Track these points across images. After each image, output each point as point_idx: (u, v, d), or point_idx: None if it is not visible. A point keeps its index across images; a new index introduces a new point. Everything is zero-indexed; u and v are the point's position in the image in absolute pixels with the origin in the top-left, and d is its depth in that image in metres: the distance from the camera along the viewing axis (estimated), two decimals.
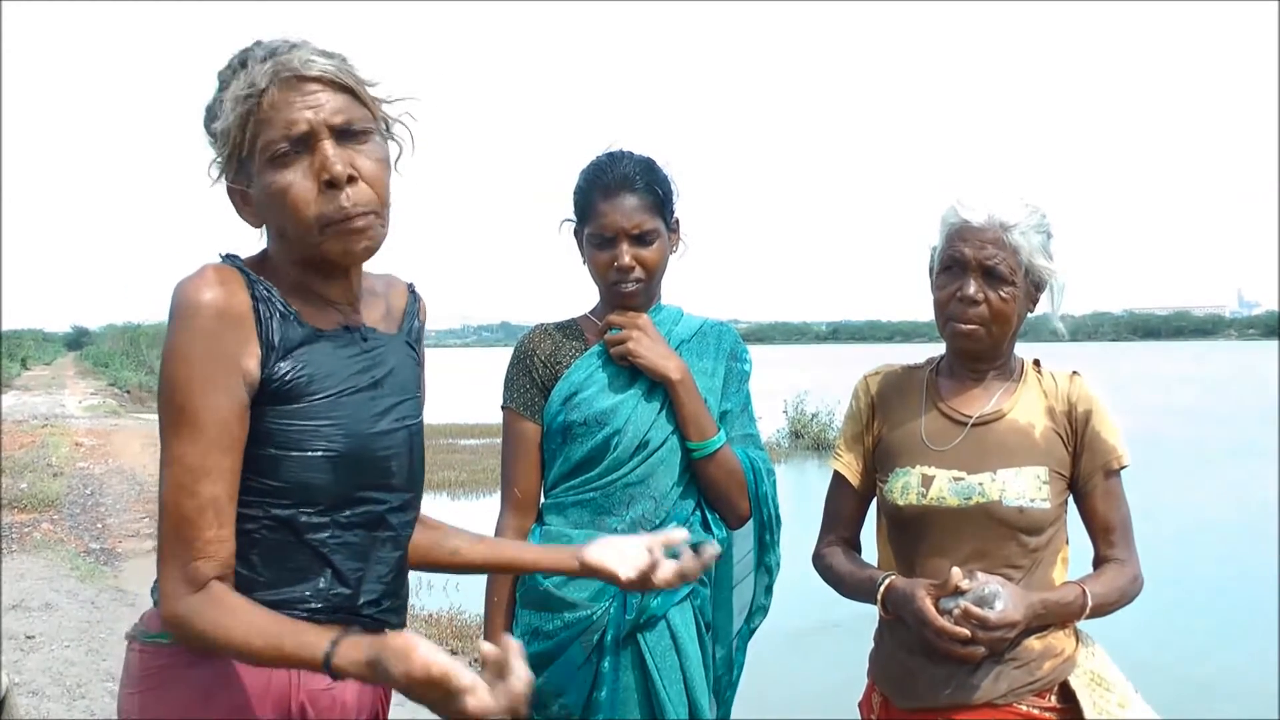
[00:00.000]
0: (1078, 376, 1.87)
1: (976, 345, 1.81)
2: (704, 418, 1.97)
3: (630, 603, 1.90)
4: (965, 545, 1.78)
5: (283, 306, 1.28)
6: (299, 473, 1.26)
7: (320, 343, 1.30)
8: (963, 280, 1.77)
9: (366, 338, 1.36)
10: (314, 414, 1.27)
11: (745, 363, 2.10)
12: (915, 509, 1.81)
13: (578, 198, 2.01)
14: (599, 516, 1.95)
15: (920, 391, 1.91)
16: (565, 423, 1.97)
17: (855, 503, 1.97)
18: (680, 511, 1.98)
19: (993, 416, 1.84)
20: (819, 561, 1.97)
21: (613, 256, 1.95)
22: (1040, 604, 1.73)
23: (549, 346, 2.03)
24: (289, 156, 1.27)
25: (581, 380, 1.99)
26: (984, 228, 1.75)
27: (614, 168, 1.97)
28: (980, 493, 1.77)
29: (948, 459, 1.81)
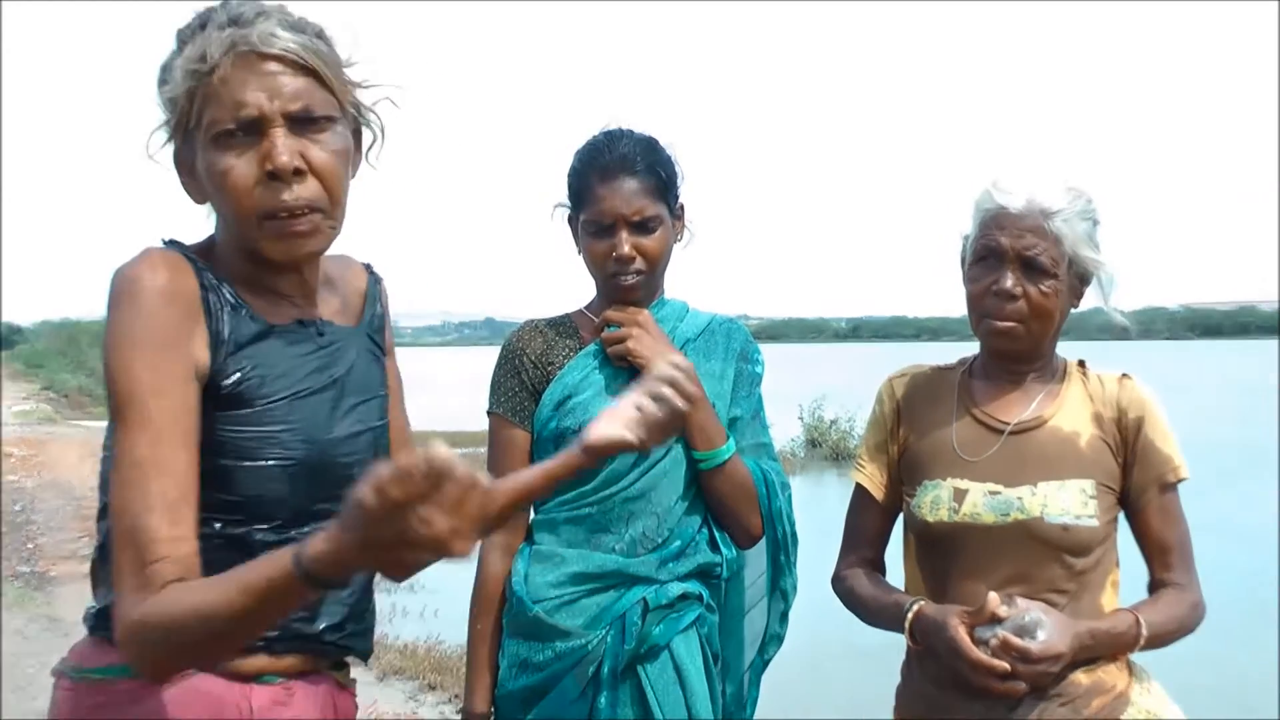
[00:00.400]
0: (1128, 379, 1.87)
1: (1014, 344, 1.82)
2: (712, 425, 1.97)
3: (629, 631, 1.91)
4: (1003, 567, 1.78)
5: (232, 298, 1.28)
6: (252, 485, 1.26)
7: (273, 339, 1.30)
8: (999, 272, 1.77)
9: (323, 332, 1.36)
10: (268, 419, 1.27)
11: (757, 364, 2.10)
12: (946, 526, 1.81)
13: (572, 181, 2.02)
14: (595, 534, 1.96)
15: (951, 395, 1.91)
16: (558, 430, 1.97)
17: (879, 519, 1.97)
18: (685, 529, 1.98)
19: (1033, 423, 1.84)
20: (839, 584, 1.97)
21: (611, 246, 1.96)
22: (1088, 633, 1.73)
23: (540, 345, 2.04)
24: (234, 138, 1.26)
25: (576, 383, 1.99)
26: (1023, 214, 1.75)
27: (612, 148, 1.98)
28: (1019, 508, 1.78)
29: (983, 470, 1.82)
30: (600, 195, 1.95)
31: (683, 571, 1.96)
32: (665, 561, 1.95)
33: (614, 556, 1.94)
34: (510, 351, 2.05)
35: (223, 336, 1.25)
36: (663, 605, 1.93)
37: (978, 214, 1.81)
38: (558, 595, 1.94)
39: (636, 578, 1.93)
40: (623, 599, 1.92)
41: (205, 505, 1.24)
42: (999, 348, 1.84)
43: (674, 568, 1.96)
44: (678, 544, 1.96)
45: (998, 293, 1.77)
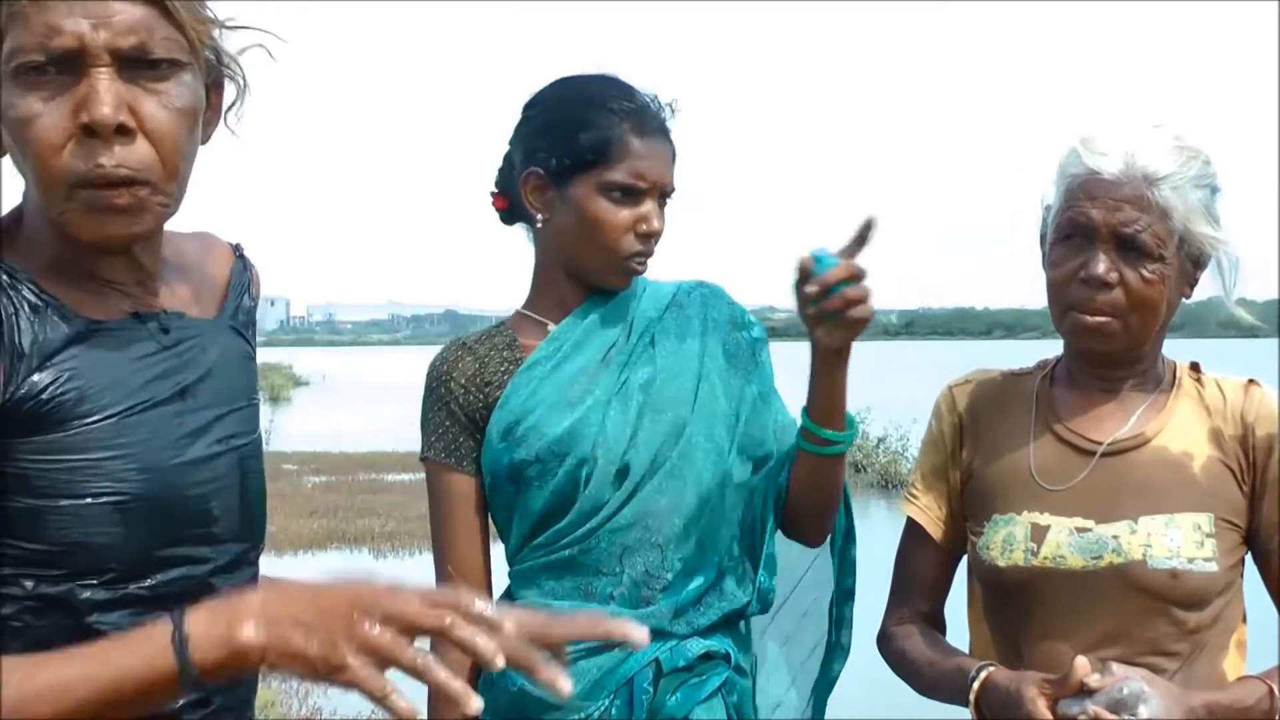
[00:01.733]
0: (1256, 386, 1.88)
1: (1107, 344, 1.81)
2: (842, 394, 1.93)
3: (639, 700, 1.91)
4: (1094, 623, 1.78)
5: (34, 294, 1.24)
6: (73, 529, 1.22)
7: (95, 341, 1.26)
8: (1089, 254, 1.77)
9: (168, 328, 1.33)
10: (89, 444, 1.23)
11: (752, 326, 2.10)
12: (1022, 572, 1.81)
13: (577, 127, 1.98)
14: (585, 581, 1.95)
15: (1028, 408, 1.91)
16: (512, 465, 1.97)
17: (937, 563, 1.97)
18: (705, 561, 1.97)
19: (1132, 442, 1.84)
20: (887, 644, 1.98)
21: (638, 216, 1.97)
22: (1204, 708, 1.71)
23: (470, 366, 2.04)
24: (44, 77, 1.21)
25: (523, 403, 1.99)
26: (1120, 180, 1.75)
27: (638, 98, 2.00)
28: (1115, 549, 1.78)
29: (1068, 502, 1.82)
30: (637, 151, 1.96)
31: (704, 623, 1.96)
32: (682, 610, 1.95)
33: (613, 608, 1.93)
34: (435, 379, 2.05)
35: (20, 348, 1.21)
36: (680, 668, 1.93)
37: (1062, 180, 1.81)
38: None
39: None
40: (629, 660, 1.92)
41: (10, 559, 1.21)
42: (1089, 348, 1.84)
43: (693, 618, 1.95)
44: (698, 583, 1.96)
45: (1087, 279, 1.77)
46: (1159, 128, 1.80)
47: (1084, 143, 1.79)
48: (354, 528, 12.46)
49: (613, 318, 2.04)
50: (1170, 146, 1.77)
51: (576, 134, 1.99)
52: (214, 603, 1.11)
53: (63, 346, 1.24)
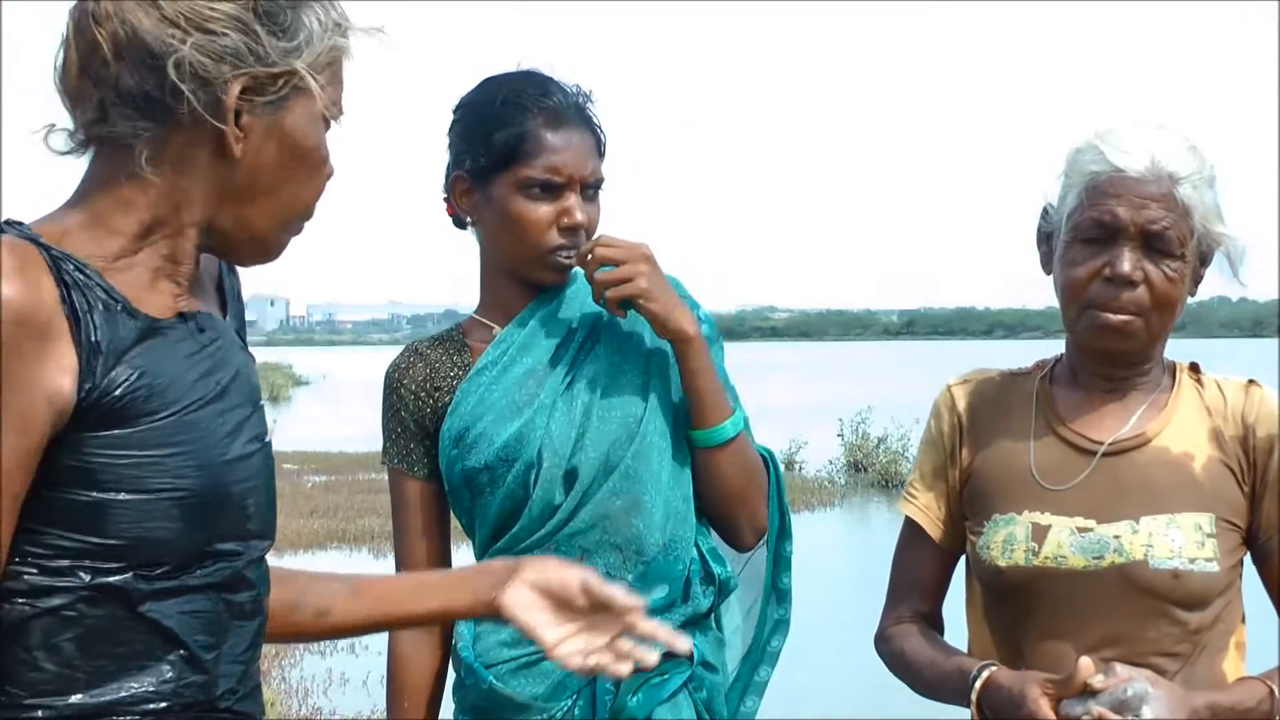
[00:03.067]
0: (1256, 386, 1.88)
1: (1128, 343, 1.81)
2: (720, 392, 1.99)
3: (601, 700, 1.92)
4: (1096, 624, 1.78)
5: (105, 292, 1.27)
6: (134, 523, 1.26)
7: (157, 338, 1.30)
8: (1114, 252, 1.76)
9: (203, 327, 1.37)
10: (155, 440, 1.27)
11: (704, 324, 2.07)
12: (1023, 572, 1.81)
13: (492, 127, 1.99)
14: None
15: (1028, 407, 1.91)
16: (465, 472, 1.98)
17: (936, 563, 1.97)
18: (669, 563, 1.97)
19: (1133, 442, 1.84)
20: (885, 645, 1.97)
21: (559, 211, 1.97)
22: (1207, 708, 1.72)
23: (421, 372, 2.05)
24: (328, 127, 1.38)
25: (472, 410, 1.99)
26: (1145, 178, 1.75)
27: (554, 91, 1.99)
28: (1116, 549, 1.78)
29: (1069, 502, 1.82)
30: (552, 145, 1.96)
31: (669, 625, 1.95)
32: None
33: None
34: (388, 386, 2.07)
35: (98, 346, 1.25)
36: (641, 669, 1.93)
37: (1080, 177, 1.79)
38: (513, 658, 1.95)
39: None
40: None
41: (70, 552, 1.25)
42: (1109, 348, 1.83)
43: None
44: (662, 592, 1.95)
45: (1114, 278, 1.76)
46: (1165, 128, 1.80)
47: (1105, 139, 1.78)
48: (354, 527, 12.48)
49: (559, 316, 2.04)
50: (1186, 146, 1.78)
51: (491, 134, 1.99)
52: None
53: (133, 344, 1.28)
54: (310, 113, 1.36)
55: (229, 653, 1.35)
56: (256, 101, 1.33)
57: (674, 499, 1.99)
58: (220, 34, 1.30)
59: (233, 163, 1.34)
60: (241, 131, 1.33)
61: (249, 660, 1.38)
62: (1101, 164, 1.77)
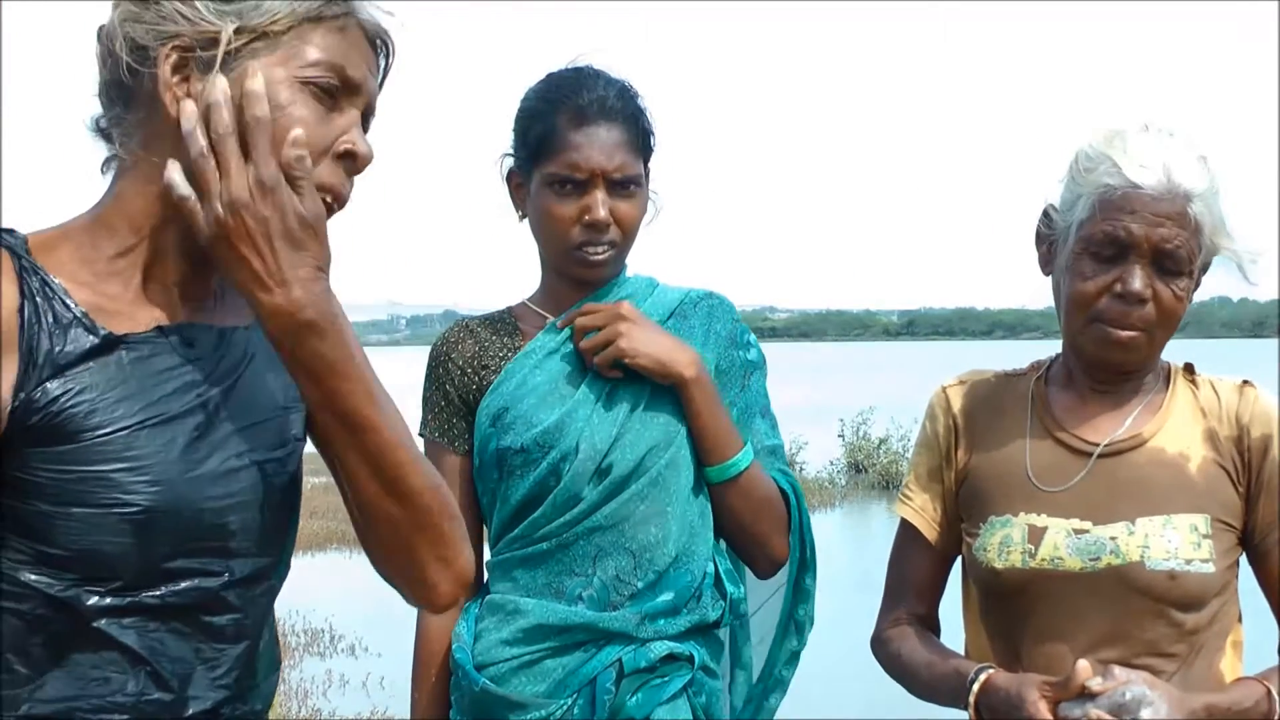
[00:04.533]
0: (1250, 387, 1.88)
1: (1132, 356, 1.82)
2: (727, 428, 2.00)
3: (600, 700, 1.92)
4: (1093, 626, 1.78)
5: (63, 306, 1.26)
6: (83, 536, 1.24)
7: (117, 353, 1.29)
8: (1124, 268, 1.75)
9: (192, 341, 1.35)
10: (99, 456, 1.25)
11: (749, 349, 2.12)
12: (1020, 574, 1.81)
13: (529, 124, 2.03)
14: (557, 579, 1.97)
15: (1023, 408, 1.91)
16: (498, 451, 1.99)
17: (932, 565, 1.97)
18: (679, 575, 1.97)
19: (1129, 443, 1.84)
20: (882, 647, 1.97)
21: (582, 207, 1.97)
22: (1205, 709, 1.71)
23: (470, 348, 2.07)
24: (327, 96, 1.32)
25: (514, 390, 2.01)
26: (1160, 196, 1.73)
27: (589, 86, 2.00)
28: (1113, 550, 1.78)
29: (1065, 503, 1.82)
30: (574, 142, 1.97)
31: (673, 631, 1.97)
32: (649, 618, 1.95)
33: (580, 609, 1.95)
34: (435, 359, 2.09)
35: (36, 357, 1.24)
36: (642, 669, 1.94)
37: (1091, 188, 1.77)
38: (514, 656, 1.95)
39: (610, 634, 1.94)
40: (592, 661, 1.94)
41: (20, 557, 1.24)
42: (1112, 360, 1.83)
43: (662, 626, 1.96)
44: (669, 596, 1.96)
45: (1123, 294, 1.76)
46: (1174, 136, 1.78)
47: (1119, 150, 1.76)
48: (349, 527, 12.48)
49: None
50: (1197, 158, 1.77)
51: (526, 131, 2.03)
52: None
53: (79, 360, 1.26)
54: (273, 78, 1.29)
55: (204, 676, 1.32)
56: (195, 69, 1.29)
57: (691, 513, 2.00)
58: (151, 3, 1.28)
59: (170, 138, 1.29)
60: (188, 95, 1.28)
61: (233, 684, 1.34)
62: (1116, 177, 1.75)
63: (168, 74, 1.28)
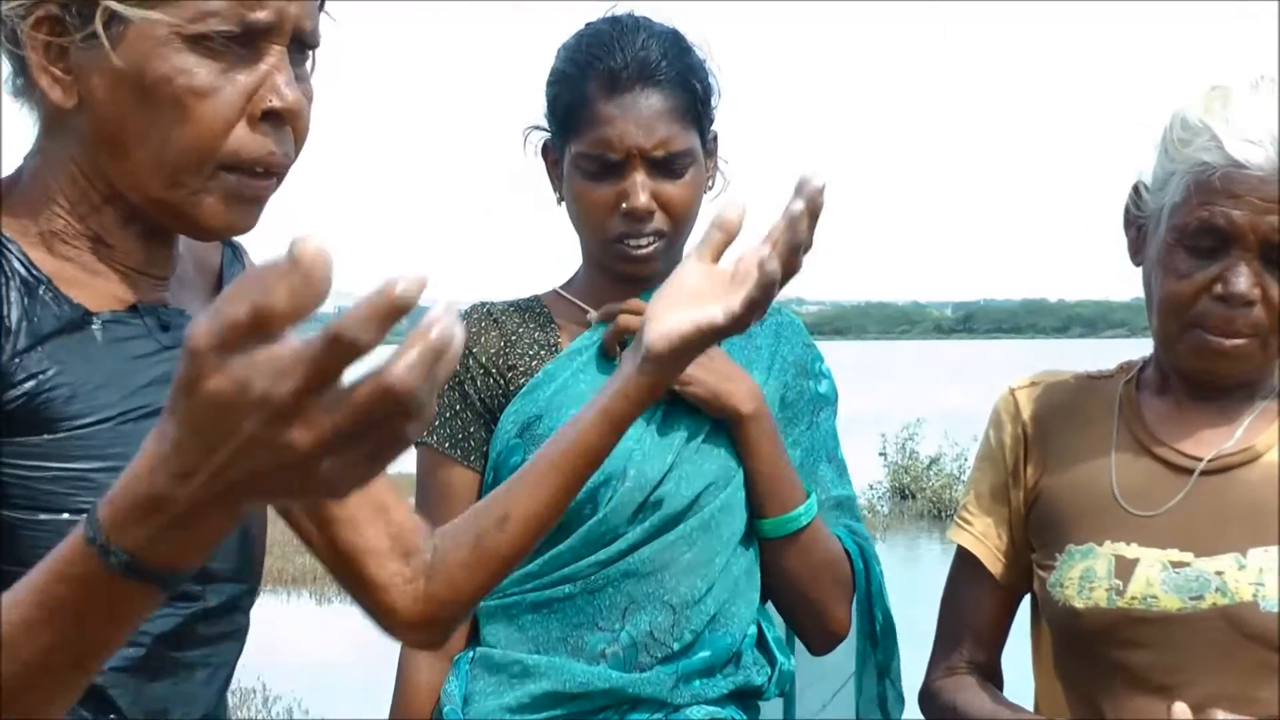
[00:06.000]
0: None
1: (1239, 367, 1.82)
2: (788, 475, 2.01)
3: None
4: (1194, 680, 1.78)
5: (25, 268, 1.29)
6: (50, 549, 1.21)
7: (90, 332, 1.31)
8: (1227, 264, 1.76)
9: (168, 325, 1.38)
10: (80, 451, 1.28)
11: (821, 379, 2.13)
12: (1105, 615, 1.82)
13: (559, 91, 2.03)
14: (576, 631, 1.98)
15: (1109, 416, 1.92)
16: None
17: (995, 603, 1.98)
18: (720, 635, 1.99)
19: (1240, 458, 1.85)
20: (932, 701, 1.99)
21: (619, 192, 1.97)
22: None
23: (495, 343, 2.07)
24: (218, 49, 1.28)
25: (552, 396, 2.01)
26: (1270, 177, 1.73)
27: (626, 44, 1.98)
28: (1219, 588, 1.79)
29: (1161, 531, 1.83)
30: (607, 115, 1.97)
31: (712, 695, 1.98)
32: (685, 678, 1.97)
33: (602, 669, 1.96)
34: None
35: (8, 322, 1.26)
36: None
37: (1186, 164, 1.77)
38: None
39: (639, 699, 1.96)
40: None
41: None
42: (1216, 372, 1.84)
43: (700, 689, 1.97)
44: (706, 655, 1.97)
45: (1225, 296, 1.76)
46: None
47: (1221, 119, 1.75)
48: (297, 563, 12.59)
49: None
50: None
51: (554, 100, 2.04)
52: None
53: (53, 333, 1.28)
54: (157, 36, 1.28)
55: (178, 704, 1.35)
56: (74, 38, 1.29)
57: (737, 567, 2.01)
58: None
59: (75, 114, 1.32)
60: (69, 75, 1.30)
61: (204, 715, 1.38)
62: (1215, 154, 1.74)
63: (40, 54, 1.29)
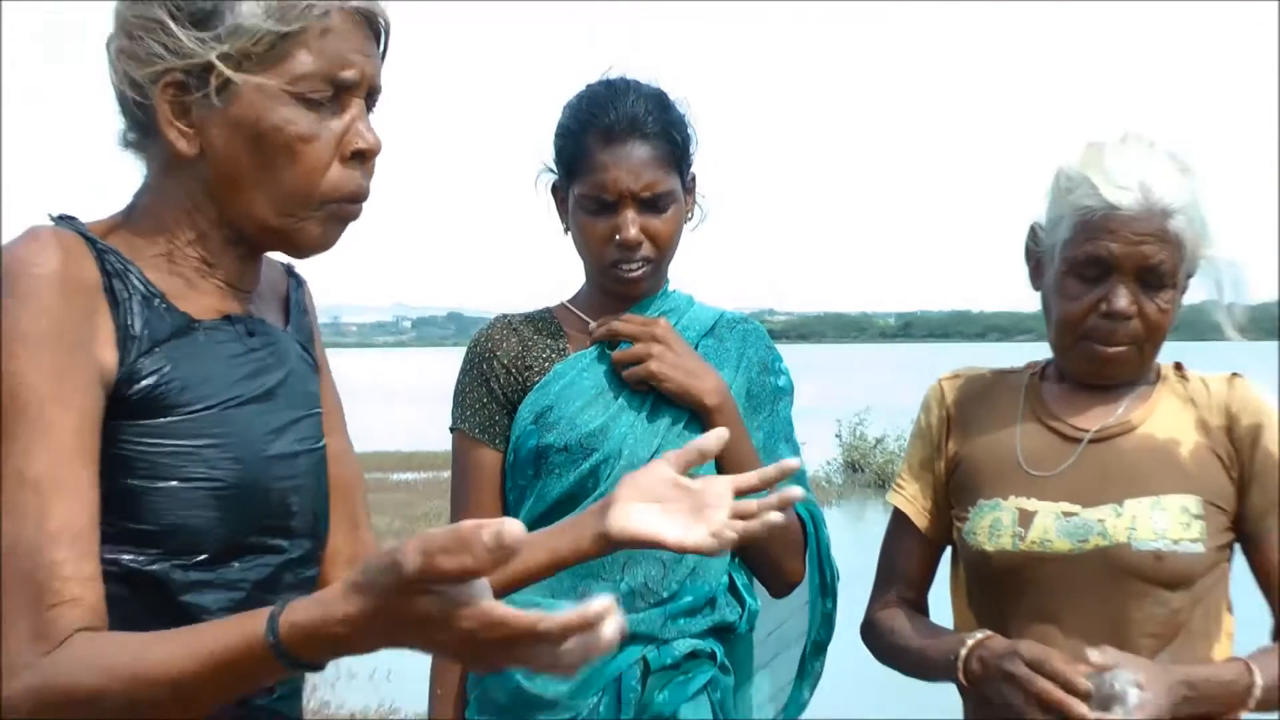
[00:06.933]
0: (1239, 379, 1.88)
1: (1122, 371, 1.83)
2: (748, 454, 2.00)
3: (627, 698, 1.92)
4: (1080, 607, 1.78)
5: (143, 285, 1.29)
6: (170, 511, 1.26)
7: (195, 336, 1.31)
8: (1108, 287, 1.77)
9: (254, 331, 1.38)
10: (192, 431, 1.28)
11: (780, 375, 2.12)
12: (1009, 557, 1.81)
13: (564, 142, 2.03)
14: (583, 581, 1.96)
15: (1016, 400, 1.92)
16: (539, 448, 1.99)
17: (923, 551, 1.98)
18: (700, 584, 1.99)
19: (1119, 429, 1.85)
20: (872, 629, 1.98)
21: (613, 226, 1.97)
22: (1185, 682, 1.71)
23: (514, 347, 2.05)
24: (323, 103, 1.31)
25: (559, 392, 2.00)
26: (1140, 215, 1.74)
27: (617, 104, 1.98)
28: (1100, 532, 1.78)
29: (1055, 487, 1.82)
30: (603, 163, 1.96)
31: (695, 630, 1.98)
32: (672, 617, 1.97)
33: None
34: (479, 355, 2.07)
35: (133, 331, 1.26)
36: (667, 666, 1.95)
37: (1071, 210, 1.78)
38: None
39: (635, 635, 1.95)
40: (617, 659, 1.93)
41: (106, 536, 1.23)
42: (1104, 374, 1.84)
43: (684, 625, 1.98)
44: (688, 600, 1.98)
45: (1109, 314, 1.77)
46: (1154, 147, 1.79)
47: (1096, 170, 1.76)
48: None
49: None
50: (1177, 173, 1.77)
51: (561, 150, 2.04)
52: (319, 594, 1.11)
53: (168, 337, 1.29)
54: (266, 94, 1.29)
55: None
56: (195, 96, 1.29)
57: None
58: (139, 38, 1.29)
59: (196, 160, 1.31)
60: (191, 128, 1.30)
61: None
62: (1094, 199, 1.75)
63: (167, 111, 1.30)
